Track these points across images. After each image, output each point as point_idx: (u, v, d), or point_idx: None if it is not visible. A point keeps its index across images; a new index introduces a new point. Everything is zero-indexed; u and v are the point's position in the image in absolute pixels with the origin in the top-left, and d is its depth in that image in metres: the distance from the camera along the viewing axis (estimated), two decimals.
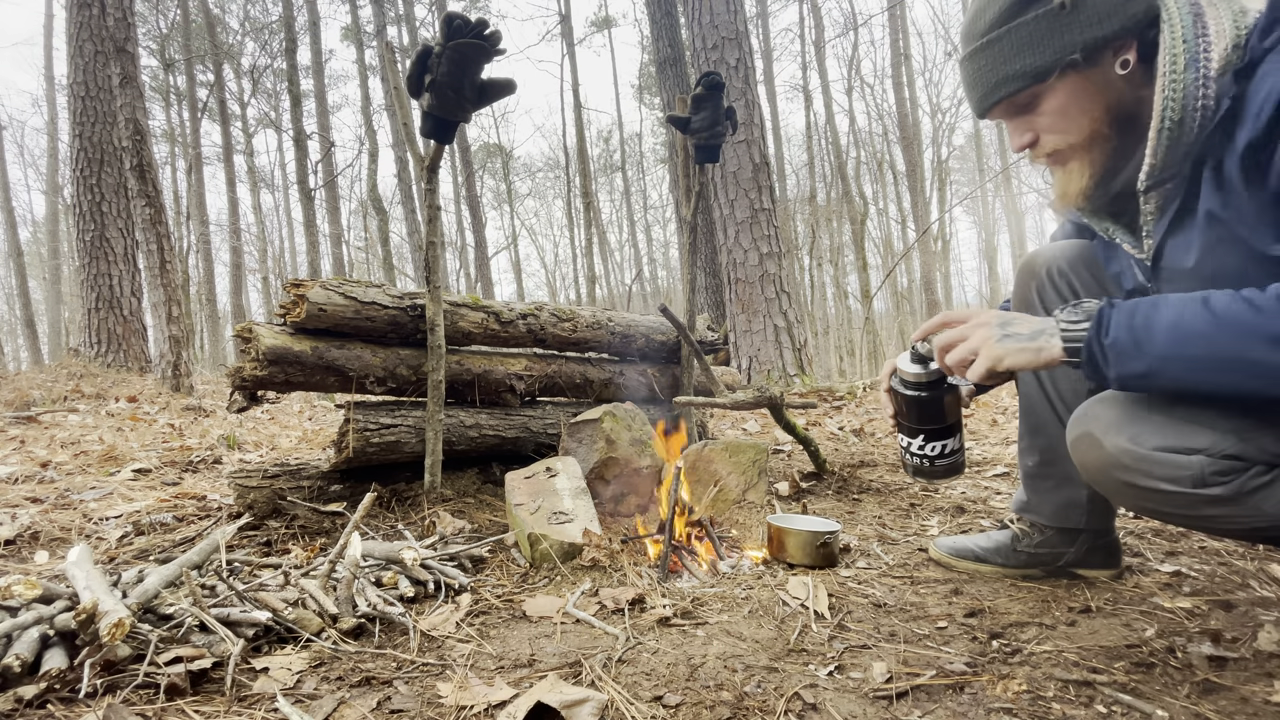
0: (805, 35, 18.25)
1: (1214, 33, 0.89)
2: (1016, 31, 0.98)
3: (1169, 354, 0.86)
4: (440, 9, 14.35)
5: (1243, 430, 0.90)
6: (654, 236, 29.12)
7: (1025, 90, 1.00)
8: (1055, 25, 0.95)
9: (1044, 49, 0.97)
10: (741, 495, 2.16)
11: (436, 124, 1.94)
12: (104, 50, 6.82)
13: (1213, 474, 0.91)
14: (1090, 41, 0.94)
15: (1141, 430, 0.95)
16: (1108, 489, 1.03)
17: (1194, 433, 0.92)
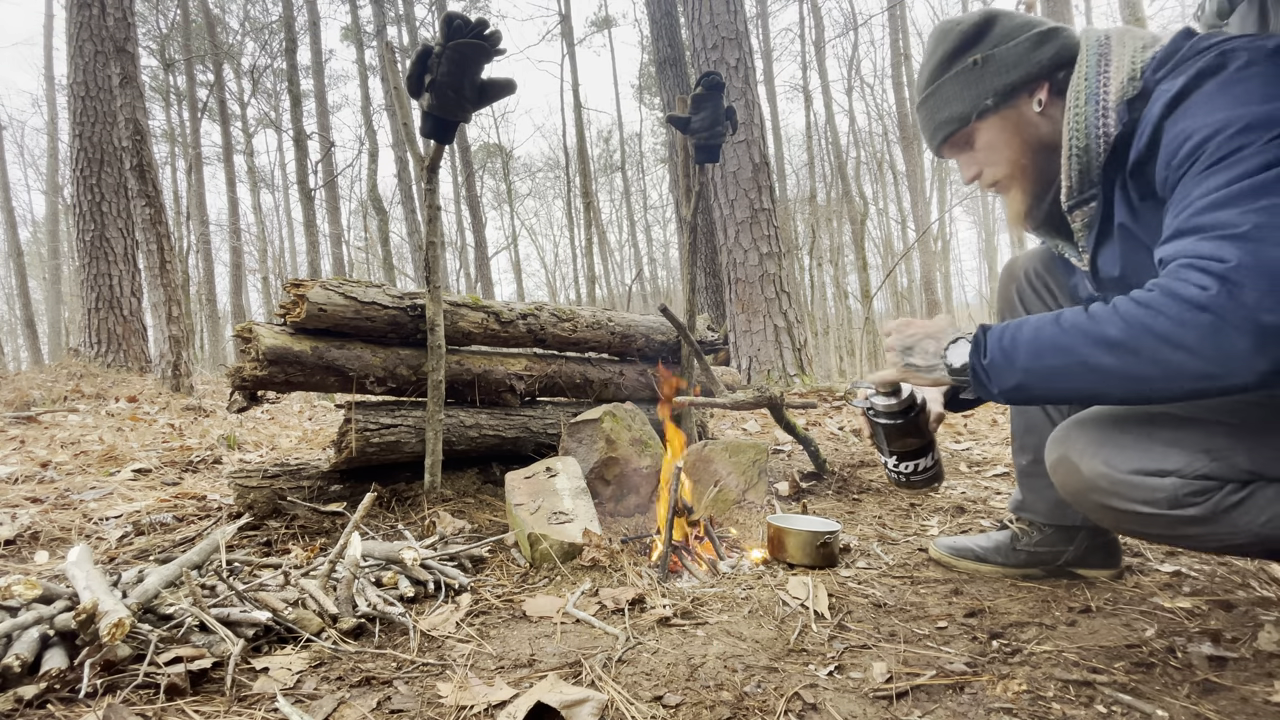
0: (805, 35, 18.25)
1: (1114, 69, 1.02)
2: (945, 86, 1.17)
3: (1030, 366, 0.95)
4: (440, 9, 14.34)
5: (1214, 449, 0.94)
6: (654, 236, 29.13)
7: (958, 132, 1.18)
8: (972, 78, 1.14)
9: (965, 98, 1.15)
10: (741, 495, 2.16)
11: (436, 124, 1.94)
12: (104, 50, 6.82)
13: (1187, 495, 0.95)
14: (1000, 88, 1.11)
15: (1115, 453, 0.99)
16: (1087, 511, 1.08)
17: (1166, 454, 0.97)
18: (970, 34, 1.14)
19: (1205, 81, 0.90)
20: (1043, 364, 0.94)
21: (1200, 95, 0.90)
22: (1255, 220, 0.80)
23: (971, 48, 1.14)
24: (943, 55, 1.17)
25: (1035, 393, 0.97)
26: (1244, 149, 0.84)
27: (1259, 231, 0.80)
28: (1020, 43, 1.11)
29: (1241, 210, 0.82)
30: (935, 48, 1.19)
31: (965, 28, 1.15)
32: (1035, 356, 0.95)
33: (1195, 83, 0.90)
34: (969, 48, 1.15)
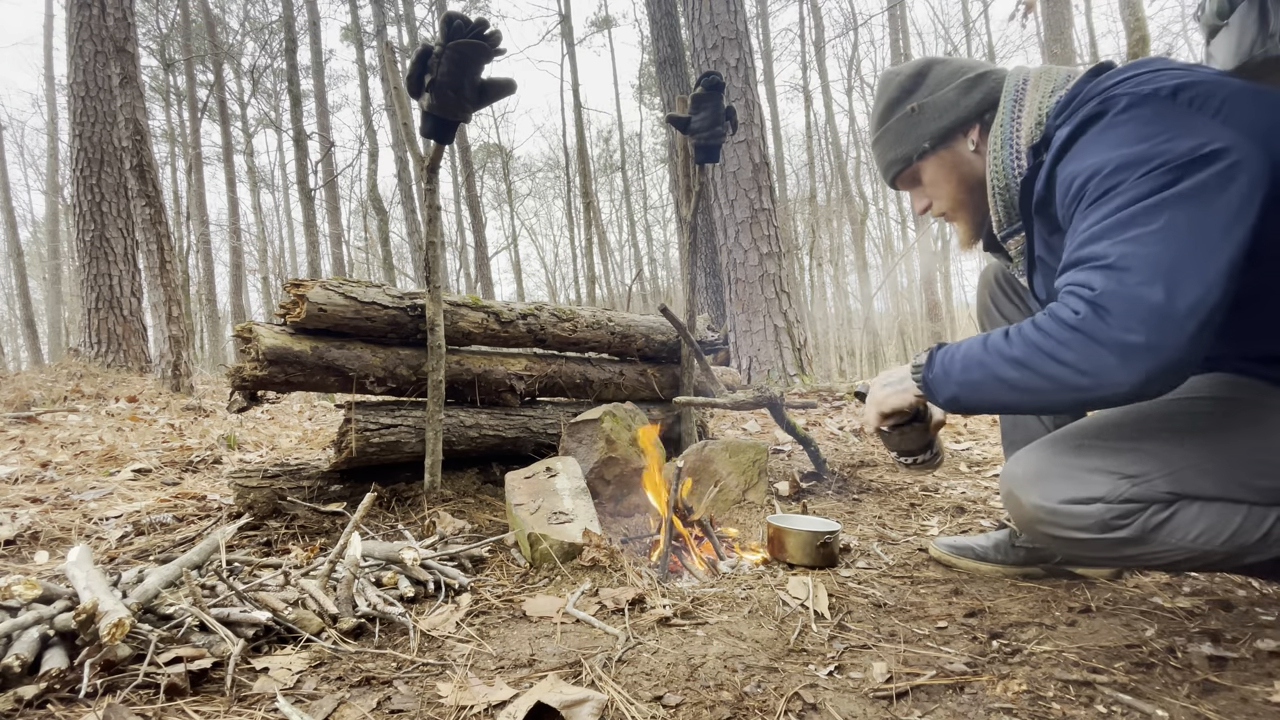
0: (805, 35, 18.25)
1: (1026, 113, 1.13)
2: (889, 131, 1.30)
3: (962, 380, 1.06)
4: (440, 9, 14.34)
5: (1135, 475, 1.01)
6: (654, 236, 29.11)
7: (904, 171, 1.30)
8: (909, 124, 1.27)
9: (905, 142, 1.28)
10: (741, 495, 2.16)
11: (436, 124, 1.94)
12: (104, 50, 6.82)
13: (1114, 518, 1.01)
14: (934, 133, 1.24)
15: (1048, 485, 1.06)
16: (1038, 542, 1.15)
17: (1091, 483, 1.03)
18: (906, 85, 1.27)
19: (1089, 128, 0.99)
20: (968, 378, 1.05)
21: (1084, 140, 0.99)
22: (1120, 251, 0.90)
23: (909, 97, 1.27)
24: (885, 104, 1.30)
25: (967, 403, 1.08)
26: (1117, 186, 0.92)
27: (1123, 260, 0.89)
28: (949, 91, 1.23)
29: (1111, 242, 0.91)
30: (880, 96, 1.32)
31: (902, 79, 1.28)
32: (964, 371, 1.06)
33: (1080, 129, 1.00)
34: (906, 97, 1.27)
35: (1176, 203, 0.88)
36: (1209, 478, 1.00)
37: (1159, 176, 0.89)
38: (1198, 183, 0.88)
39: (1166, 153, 0.90)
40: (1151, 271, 0.87)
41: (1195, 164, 0.88)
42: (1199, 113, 0.92)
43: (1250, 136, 0.89)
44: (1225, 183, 0.88)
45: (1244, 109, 0.92)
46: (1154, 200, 0.89)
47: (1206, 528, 0.99)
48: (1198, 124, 0.91)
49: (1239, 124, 0.90)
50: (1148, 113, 0.94)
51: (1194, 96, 0.93)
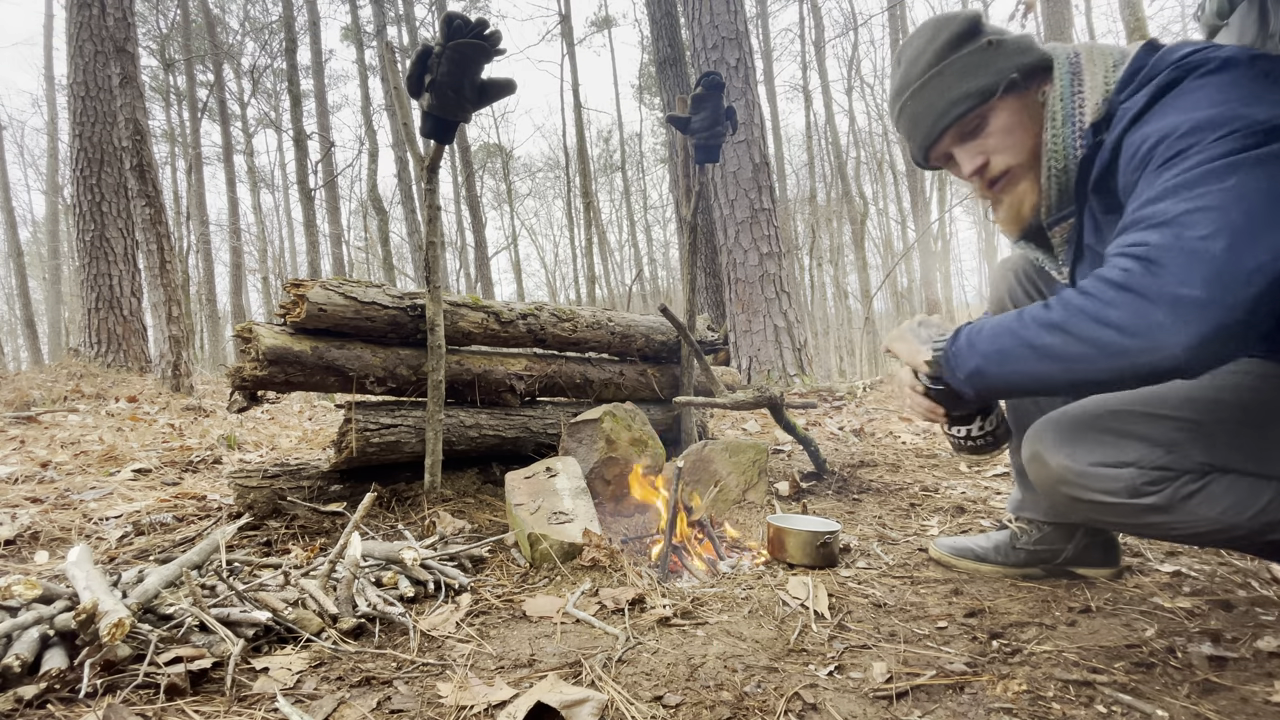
0: (805, 35, 18.25)
1: (1089, 89, 1.04)
2: (956, 64, 1.12)
3: (989, 350, 1.00)
4: (440, 9, 14.34)
5: (1171, 443, 0.99)
6: (654, 236, 29.11)
7: (973, 111, 1.12)
8: (988, 56, 1.10)
9: (985, 73, 1.10)
10: (741, 495, 2.16)
11: (436, 124, 1.94)
12: (104, 50, 6.82)
13: (1144, 484, 1.00)
14: (1022, 65, 1.09)
15: (1079, 448, 1.04)
16: (1057, 503, 1.12)
17: (1126, 447, 1.01)
18: (972, 23, 1.13)
19: (1164, 95, 0.94)
20: (997, 346, 0.99)
21: (1159, 107, 0.93)
22: (1183, 208, 0.84)
23: (978, 33, 1.12)
24: (948, 39, 1.12)
25: (991, 377, 1.01)
26: (1190, 148, 0.87)
27: (1185, 217, 0.84)
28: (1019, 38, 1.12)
29: (1174, 201, 0.86)
30: (936, 35, 1.15)
31: (959, 21, 1.14)
32: (993, 339, 1.00)
33: (1156, 96, 0.94)
34: (976, 33, 1.12)
35: (1254, 165, 0.83)
36: (1243, 452, 0.97)
37: (1236, 140, 0.85)
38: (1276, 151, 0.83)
39: (1245, 117, 0.85)
40: (1216, 225, 0.82)
41: (1274, 132, 0.84)
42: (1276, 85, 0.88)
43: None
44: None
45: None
46: (1228, 161, 0.84)
47: (1235, 501, 0.97)
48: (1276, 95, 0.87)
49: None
50: (1226, 78, 0.90)
51: (1270, 69, 0.90)
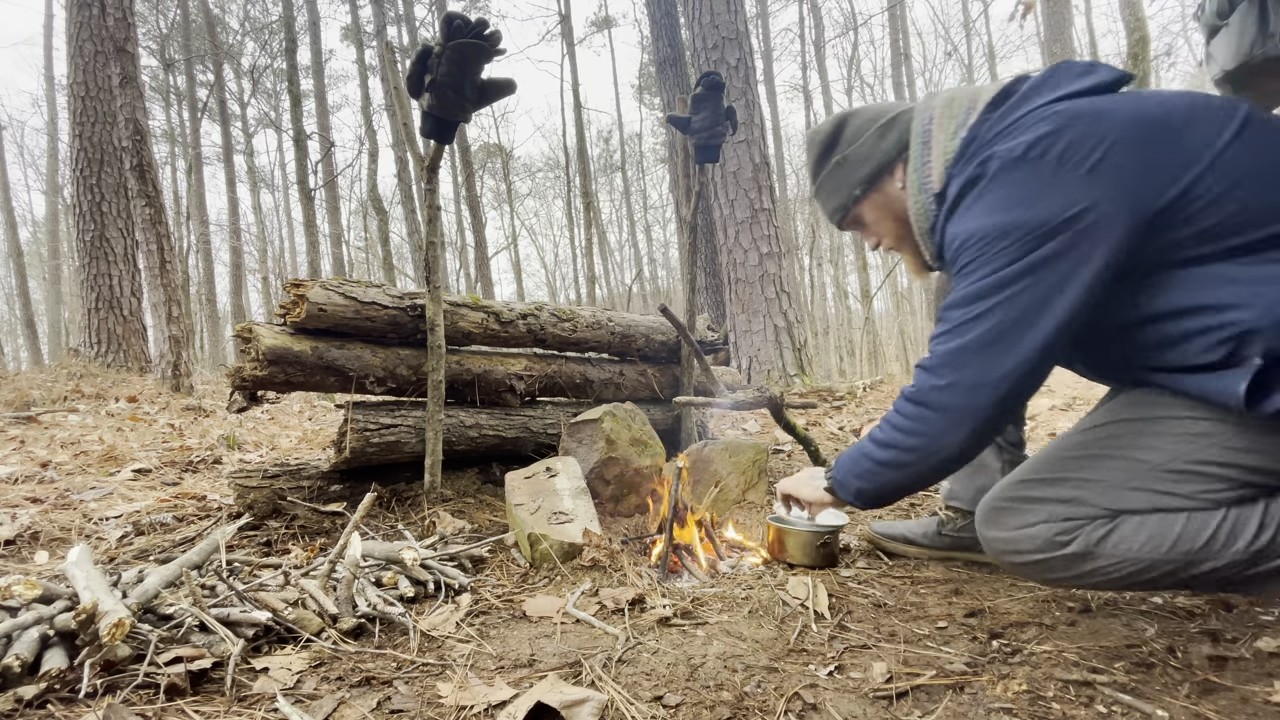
0: (805, 35, 18.24)
1: (935, 156, 1.18)
2: (822, 185, 1.38)
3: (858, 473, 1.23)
4: (440, 9, 14.34)
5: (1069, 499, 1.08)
6: (654, 236, 29.10)
7: (846, 216, 1.38)
8: (838, 176, 1.34)
9: (839, 192, 1.35)
10: (741, 495, 2.16)
11: (436, 124, 1.94)
12: (104, 50, 6.82)
13: (1057, 535, 1.08)
14: (861, 179, 1.31)
15: (1001, 517, 1.15)
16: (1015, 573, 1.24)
17: (1036, 509, 1.11)
18: (826, 141, 1.35)
19: (969, 192, 1.07)
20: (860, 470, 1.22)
21: (965, 204, 1.08)
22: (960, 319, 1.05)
23: (831, 152, 1.35)
24: (814, 161, 1.39)
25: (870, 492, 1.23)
26: (979, 258, 1.04)
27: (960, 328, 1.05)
28: (865, 140, 1.30)
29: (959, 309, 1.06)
30: (808, 156, 1.41)
31: (822, 137, 1.36)
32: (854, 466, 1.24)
33: (962, 194, 1.09)
34: (829, 153, 1.35)
35: (1018, 278, 1.00)
36: (1137, 493, 1.05)
37: (1015, 249, 1.00)
38: (1046, 254, 0.99)
39: (1025, 224, 0.99)
40: (979, 339, 1.03)
41: (1050, 233, 0.98)
42: (1068, 170, 0.98)
43: (1118, 187, 0.96)
44: (1071, 247, 0.97)
45: (1125, 154, 0.96)
46: (1001, 276, 1.01)
47: (1150, 536, 1.03)
48: (1063, 184, 0.98)
49: (1111, 175, 0.96)
50: (1017, 177, 1.01)
51: (1067, 148, 0.98)
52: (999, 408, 1.04)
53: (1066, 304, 0.99)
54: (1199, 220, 0.96)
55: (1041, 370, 1.03)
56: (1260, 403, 0.92)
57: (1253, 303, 0.91)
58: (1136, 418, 1.08)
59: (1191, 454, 1.02)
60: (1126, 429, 1.08)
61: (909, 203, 1.25)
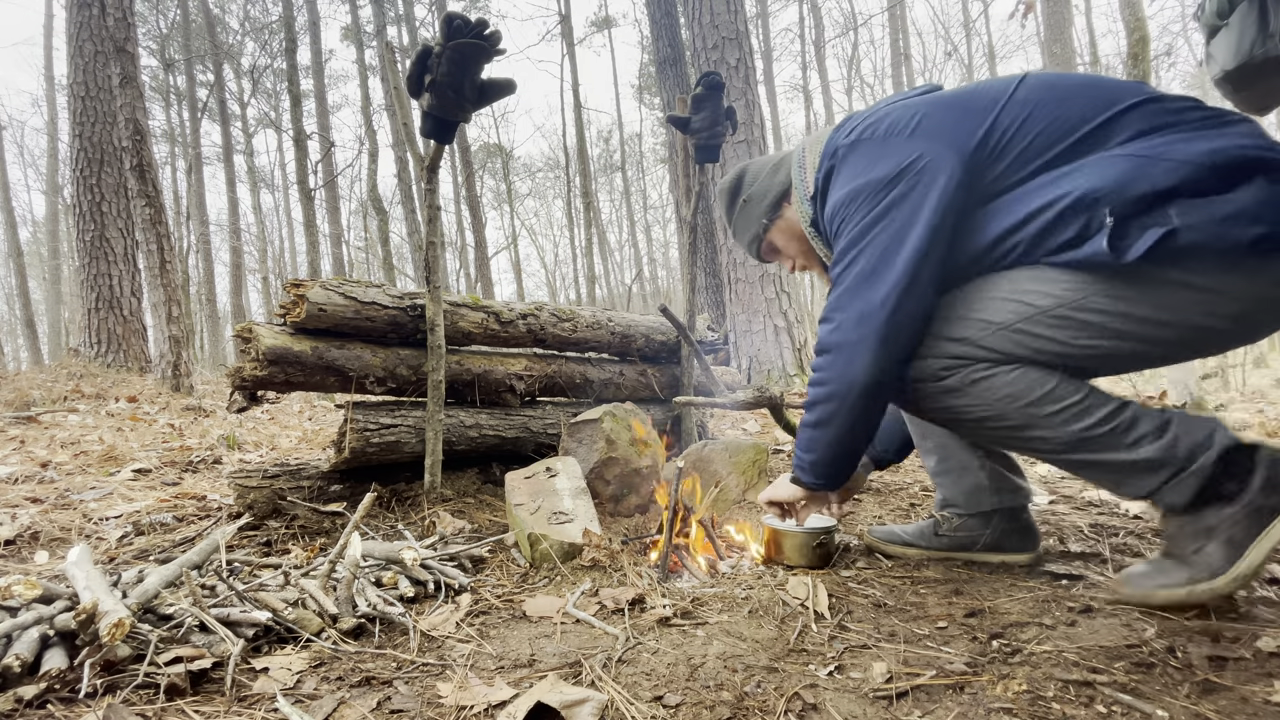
0: (805, 35, 18.25)
1: (808, 170, 1.41)
2: (736, 223, 1.61)
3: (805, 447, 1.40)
4: (440, 9, 14.34)
5: (963, 339, 1.20)
6: (654, 236, 29.12)
7: (760, 246, 1.60)
8: (745, 214, 1.57)
9: (749, 226, 1.57)
10: (741, 495, 2.16)
11: (436, 124, 1.94)
12: (104, 50, 6.82)
13: (940, 369, 1.22)
14: (764, 211, 1.53)
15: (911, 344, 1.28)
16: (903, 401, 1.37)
17: (929, 345, 1.24)
18: (732, 189, 1.59)
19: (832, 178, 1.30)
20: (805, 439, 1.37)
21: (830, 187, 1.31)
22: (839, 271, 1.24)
23: (737, 196, 1.58)
24: (725, 205, 1.62)
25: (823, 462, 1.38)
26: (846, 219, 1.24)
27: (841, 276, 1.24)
28: (762, 179, 1.53)
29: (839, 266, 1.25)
30: (719, 206, 1.65)
31: (729, 185, 1.60)
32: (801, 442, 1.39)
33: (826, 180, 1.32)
34: (735, 197, 1.59)
35: (875, 222, 1.19)
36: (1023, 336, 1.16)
37: (864, 205, 1.21)
38: (892, 198, 1.18)
39: (870, 182, 1.20)
40: (856, 278, 1.21)
41: (891, 182, 1.18)
42: (894, 137, 1.21)
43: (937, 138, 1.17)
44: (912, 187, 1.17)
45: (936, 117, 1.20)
46: (862, 225, 1.21)
47: (1011, 391, 1.17)
48: (892, 147, 1.20)
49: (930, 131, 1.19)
50: (856, 154, 1.25)
51: (890, 125, 1.23)
52: (891, 327, 1.18)
53: (921, 229, 1.16)
54: (1013, 148, 1.16)
55: (917, 286, 1.17)
56: (1125, 253, 1.04)
57: (1084, 181, 1.08)
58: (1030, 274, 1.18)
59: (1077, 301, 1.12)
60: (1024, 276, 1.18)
61: (798, 214, 1.46)
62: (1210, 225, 1.01)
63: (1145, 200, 1.04)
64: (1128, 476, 1.16)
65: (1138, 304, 1.09)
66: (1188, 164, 1.03)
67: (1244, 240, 0.99)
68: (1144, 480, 1.14)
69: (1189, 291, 1.06)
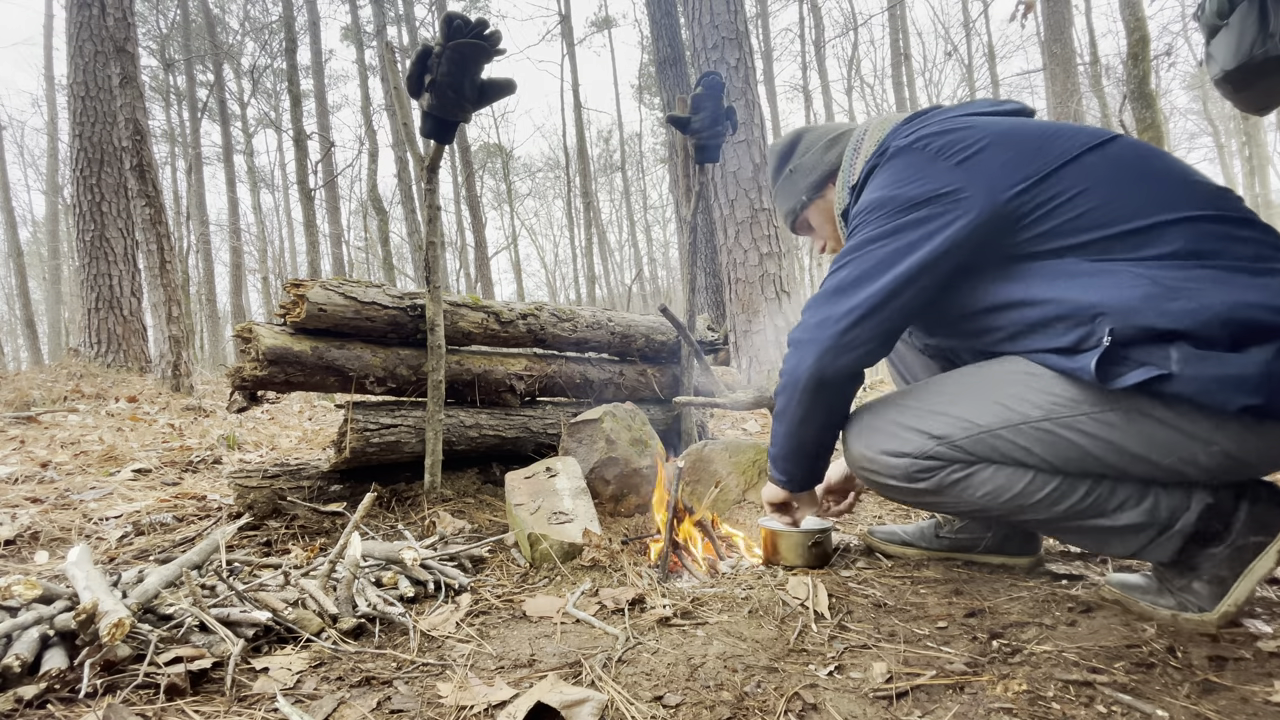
0: (805, 35, 18.25)
1: (860, 158, 1.35)
2: (778, 192, 1.58)
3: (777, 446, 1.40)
4: (440, 9, 14.33)
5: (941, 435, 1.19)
6: (654, 236, 29.12)
7: (796, 220, 1.57)
8: (789, 185, 1.53)
9: (789, 199, 1.54)
10: (741, 495, 2.16)
11: (436, 124, 1.94)
12: (104, 50, 6.82)
13: (916, 472, 1.21)
14: (807, 187, 1.49)
15: (872, 438, 1.28)
16: (860, 479, 1.37)
17: (906, 440, 1.22)
18: (783, 153, 1.54)
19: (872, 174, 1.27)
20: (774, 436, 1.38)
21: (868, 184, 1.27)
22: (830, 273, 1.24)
23: (786, 163, 1.53)
24: (771, 171, 1.58)
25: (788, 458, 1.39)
26: (863, 224, 1.22)
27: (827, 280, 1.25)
28: (814, 152, 1.47)
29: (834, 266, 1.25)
30: (769, 161, 1.59)
31: (780, 149, 1.55)
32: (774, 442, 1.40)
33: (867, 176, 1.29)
34: (784, 164, 1.53)
35: (880, 238, 1.18)
36: (1003, 443, 1.15)
37: (885, 218, 1.18)
38: (907, 221, 1.15)
39: (898, 197, 1.17)
40: (833, 289, 1.22)
41: (915, 205, 1.15)
42: (942, 160, 1.16)
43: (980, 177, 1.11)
44: (930, 219, 1.14)
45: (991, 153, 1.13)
46: (868, 235, 1.19)
47: (993, 489, 1.17)
48: (935, 170, 1.15)
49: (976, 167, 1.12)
50: (900, 162, 1.21)
51: (945, 144, 1.17)
52: (840, 340, 1.19)
53: (915, 260, 1.14)
54: (1055, 216, 1.09)
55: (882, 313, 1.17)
56: (1111, 380, 1.02)
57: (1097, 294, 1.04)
58: (1022, 372, 1.15)
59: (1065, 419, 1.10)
60: (1010, 376, 1.16)
61: (835, 200, 1.43)
62: (1204, 382, 0.97)
63: (1150, 334, 1.00)
64: (1110, 539, 1.16)
65: (1125, 435, 1.07)
66: (1205, 310, 0.98)
67: (1231, 407, 0.96)
68: (1127, 543, 1.15)
69: (1178, 435, 1.04)
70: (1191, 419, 1.02)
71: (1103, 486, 1.13)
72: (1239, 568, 1.09)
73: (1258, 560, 1.07)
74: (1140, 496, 1.12)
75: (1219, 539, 1.10)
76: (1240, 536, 1.09)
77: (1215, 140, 23.12)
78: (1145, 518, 1.12)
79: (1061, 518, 1.16)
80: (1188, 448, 1.04)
